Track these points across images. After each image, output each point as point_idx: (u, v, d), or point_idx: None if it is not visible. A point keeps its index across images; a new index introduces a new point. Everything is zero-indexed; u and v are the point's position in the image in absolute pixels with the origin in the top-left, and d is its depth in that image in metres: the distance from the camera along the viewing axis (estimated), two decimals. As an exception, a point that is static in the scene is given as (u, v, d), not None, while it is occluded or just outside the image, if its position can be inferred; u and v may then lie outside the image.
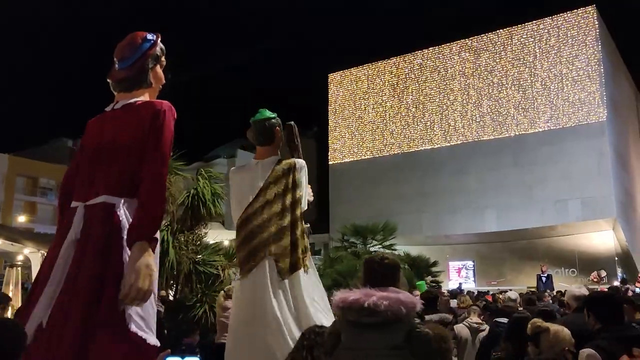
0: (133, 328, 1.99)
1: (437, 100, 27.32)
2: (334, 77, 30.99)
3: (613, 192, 22.25)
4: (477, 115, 26.11)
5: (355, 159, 28.53)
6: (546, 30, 24.96)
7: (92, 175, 2.21)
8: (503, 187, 24.31)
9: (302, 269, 3.31)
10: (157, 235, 2.12)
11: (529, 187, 23.92)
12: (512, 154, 24.51)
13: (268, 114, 3.50)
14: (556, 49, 24.56)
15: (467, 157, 25.46)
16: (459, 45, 27.33)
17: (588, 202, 22.40)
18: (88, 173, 2.24)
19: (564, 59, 24.30)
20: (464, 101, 26.58)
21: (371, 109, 29.28)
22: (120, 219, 2.11)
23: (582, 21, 24.20)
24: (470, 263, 25.32)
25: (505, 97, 25.46)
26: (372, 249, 17.27)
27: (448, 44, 27.66)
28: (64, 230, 2.16)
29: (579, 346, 3.37)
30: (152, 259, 2.01)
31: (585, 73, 23.66)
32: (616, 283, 18.38)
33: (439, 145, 26.87)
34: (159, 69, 2.37)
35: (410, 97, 28.12)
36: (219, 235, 9.57)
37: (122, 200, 2.14)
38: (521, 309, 6.28)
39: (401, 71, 28.74)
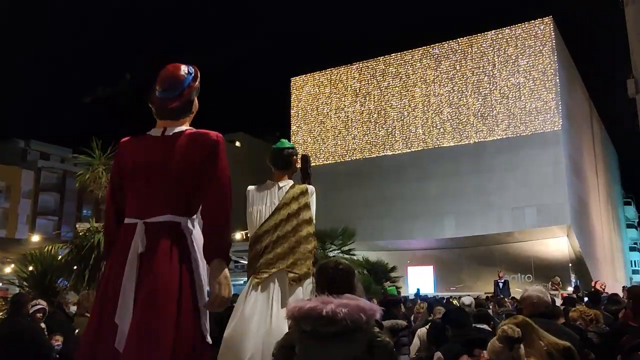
0: (205, 333, 2.31)
1: (398, 106, 27.43)
2: (297, 82, 30.78)
3: (567, 200, 22.72)
4: (438, 122, 26.31)
5: (316, 164, 28.31)
6: (505, 40, 25.41)
7: (150, 195, 2.38)
8: (462, 193, 24.52)
9: (312, 277, 3.62)
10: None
11: (487, 194, 24.19)
12: (471, 161, 24.77)
13: (287, 144, 3.99)
14: (514, 58, 25.02)
15: (428, 163, 25.60)
16: (420, 53, 27.54)
17: (544, 210, 22.80)
18: (145, 192, 2.39)
19: (522, 69, 24.77)
20: (425, 108, 26.76)
21: (333, 114, 29.18)
22: (187, 236, 2.36)
23: (539, 32, 24.74)
24: (429, 269, 25.41)
25: (465, 105, 25.76)
26: (330, 254, 17.01)
27: (410, 51, 27.85)
28: (123, 245, 2.33)
29: None
30: (227, 272, 2.31)
31: (542, 83, 24.17)
32: (570, 289, 18.68)
33: (400, 152, 26.95)
34: (197, 100, 2.64)
35: (373, 102, 28.15)
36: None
37: (185, 220, 2.38)
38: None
39: (363, 77, 28.76)
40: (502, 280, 17.54)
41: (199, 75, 2.61)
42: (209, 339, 2.34)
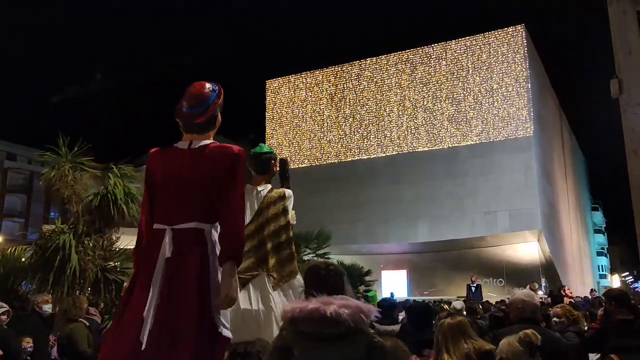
0: (221, 329, 2.51)
1: (373, 110, 27.51)
2: (272, 84, 30.62)
3: (538, 205, 23.08)
4: (412, 127, 26.47)
5: (291, 167, 28.06)
6: (478, 47, 25.75)
7: (178, 203, 2.59)
8: (436, 198, 24.68)
9: (297, 276, 3.76)
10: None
11: (460, 198, 24.40)
12: (445, 165, 24.97)
13: (266, 148, 4.12)
14: (487, 65, 25.37)
15: (402, 167, 25.71)
16: (395, 58, 27.70)
17: (515, 214, 23.11)
18: (174, 201, 2.60)
19: (495, 75, 25.12)
20: (400, 112, 26.90)
21: (309, 118, 29.10)
22: (208, 242, 2.58)
23: (512, 39, 25.15)
24: (403, 273, 25.48)
25: (439, 110, 25.99)
26: (305, 258, 16.90)
27: (385, 56, 27.99)
28: (151, 248, 2.55)
29: None
30: (237, 275, 2.53)
31: (514, 89, 24.55)
32: (540, 293, 18.93)
33: (375, 156, 27.01)
34: (220, 115, 2.85)
35: (348, 106, 28.17)
36: (133, 240, 8.79)
37: (209, 226, 2.59)
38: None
39: (339, 81, 28.77)
40: (475, 285, 17.69)
41: (222, 93, 2.82)
42: (227, 333, 2.55)
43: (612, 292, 5.27)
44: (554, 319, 5.39)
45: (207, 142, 2.71)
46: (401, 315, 8.46)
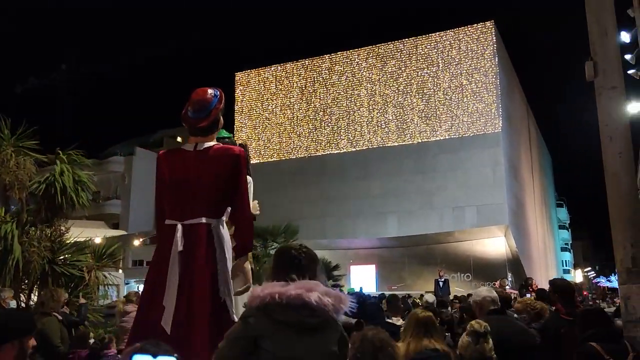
0: (231, 314, 2.74)
1: (344, 105, 27.29)
2: (241, 77, 30.10)
3: (506, 200, 23.27)
4: (383, 122, 26.36)
5: (261, 161, 27.73)
6: (448, 42, 25.78)
7: (187, 201, 2.84)
8: (405, 193, 24.64)
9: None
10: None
11: (429, 193, 24.42)
12: (414, 160, 24.95)
13: (225, 134, 4.00)
14: (457, 60, 25.42)
15: (372, 162, 25.59)
16: (366, 52, 27.53)
17: (483, 210, 23.24)
18: (184, 199, 2.85)
19: (464, 71, 25.19)
20: (370, 107, 26.76)
21: (279, 111, 28.71)
22: (215, 235, 2.82)
23: (482, 36, 25.25)
24: (372, 267, 25.40)
25: (410, 105, 25.94)
26: (272, 252, 16.60)
27: (356, 50, 27.79)
28: (165, 242, 2.81)
29: None
30: (249, 266, 2.87)
31: (484, 85, 24.66)
32: (508, 288, 19.03)
33: (345, 150, 26.82)
34: (222, 118, 3.09)
35: (318, 100, 27.89)
36: (85, 231, 8.29)
37: (216, 221, 2.84)
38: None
39: (309, 74, 28.45)
40: (443, 279, 17.64)
41: (223, 97, 3.10)
42: (235, 319, 2.66)
43: (556, 282, 4.94)
44: (514, 315, 5.13)
45: (211, 143, 2.97)
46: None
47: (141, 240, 18.06)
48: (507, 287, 19.55)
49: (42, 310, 5.44)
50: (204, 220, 2.81)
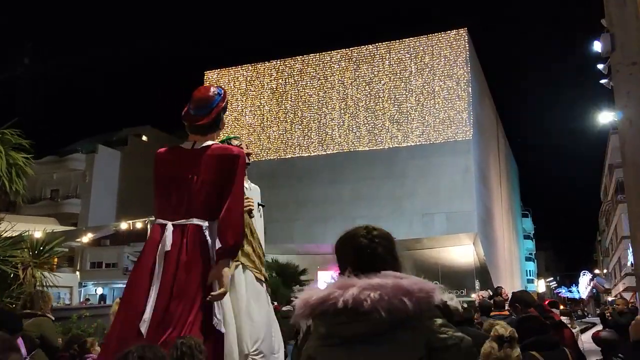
0: (216, 322, 2.68)
1: (315, 107, 26.90)
2: (211, 76, 29.38)
3: (475, 208, 23.21)
4: (354, 126, 26.06)
5: (228, 163, 27.08)
6: (422, 48, 25.71)
7: (179, 201, 2.78)
8: (375, 198, 24.35)
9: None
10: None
11: (399, 199, 24.19)
12: (385, 166, 24.70)
13: (231, 137, 3.85)
14: (430, 66, 25.36)
15: (342, 166, 25.24)
16: (339, 55, 27.23)
17: (452, 217, 23.12)
18: (175, 198, 2.79)
19: (437, 78, 25.14)
20: (342, 110, 26.44)
21: (249, 112, 28.11)
22: (207, 238, 2.75)
23: (455, 43, 25.27)
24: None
25: (381, 110, 25.72)
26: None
27: (329, 53, 27.47)
28: (153, 241, 2.77)
29: None
30: (228, 270, 2.72)
31: (456, 92, 24.64)
32: (474, 296, 18.86)
33: (315, 153, 26.39)
34: (224, 117, 3.01)
35: (290, 102, 27.42)
36: (34, 228, 7.56)
37: (207, 223, 2.77)
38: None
39: (281, 75, 27.97)
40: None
41: (226, 96, 3.00)
42: (221, 328, 2.65)
43: (515, 294, 5.32)
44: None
45: (210, 143, 2.85)
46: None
47: (90, 236, 17.04)
48: (474, 295, 19.41)
49: (32, 310, 4.93)
50: (195, 221, 2.73)
